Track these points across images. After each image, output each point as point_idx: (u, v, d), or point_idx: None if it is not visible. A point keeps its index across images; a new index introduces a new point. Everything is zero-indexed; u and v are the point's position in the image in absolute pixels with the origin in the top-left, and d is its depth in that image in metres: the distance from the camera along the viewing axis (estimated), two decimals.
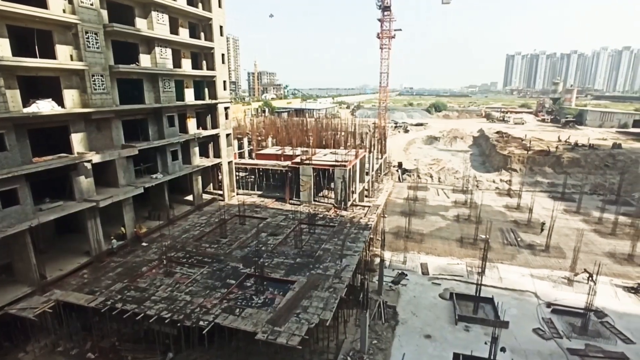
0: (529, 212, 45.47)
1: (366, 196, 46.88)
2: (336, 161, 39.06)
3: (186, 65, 35.53)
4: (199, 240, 30.16)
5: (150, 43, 30.84)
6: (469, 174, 63.64)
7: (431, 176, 65.91)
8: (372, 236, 34.44)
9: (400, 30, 73.40)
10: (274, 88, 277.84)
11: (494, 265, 33.47)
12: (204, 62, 38.29)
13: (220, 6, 38.36)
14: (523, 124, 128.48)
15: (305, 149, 44.78)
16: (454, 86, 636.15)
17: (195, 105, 37.02)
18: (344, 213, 36.76)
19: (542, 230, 40.63)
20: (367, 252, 32.22)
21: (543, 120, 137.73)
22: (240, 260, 26.58)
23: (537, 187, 59.67)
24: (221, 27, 38.77)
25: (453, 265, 34.09)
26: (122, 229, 28.91)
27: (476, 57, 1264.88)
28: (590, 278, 29.22)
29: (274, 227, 32.82)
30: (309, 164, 39.19)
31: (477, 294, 26.76)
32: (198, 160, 38.19)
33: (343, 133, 60.96)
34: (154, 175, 32.16)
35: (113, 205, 27.17)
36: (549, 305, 27.73)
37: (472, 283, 29.05)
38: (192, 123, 36.97)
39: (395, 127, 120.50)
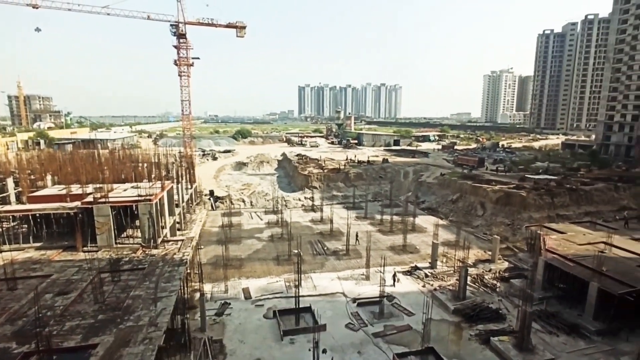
0: (330, 223, 52.03)
1: (178, 229, 43.92)
2: (139, 196, 35.22)
3: None
4: None
5: None
6: (278, 195, 68.19)
7: (243, 201, 67.40)
8: (189, 271, 32.41)
9: (199, 58, 73.69)
10: (50, 116, 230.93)
11: (308, 276, 36.56)
12: None
13: None
14: (317, 146, 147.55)
15: (99, 185, 38.64)
16: (256, 114, 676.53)
17: None
18: (154, 251, 33.31)
19: (357, 239, 46.16)
20: (185, 289, 30.00)
21: (332, 143, 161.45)
22: (12, 337, 20.39)
23: (334, 200, 68.92)
24: None
25: (273, 283, 35.46)
26: None
27: (275, 87, 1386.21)
28: (394, 277, 35.18)
29: (62, 284, 26.73)
30: (105, 202, 33.96)
31: (297, 306, 28.56)
32: None
33: (146, 164, 55.76)
34: None
35: None
36: (354, 300, 32.13)
37: (292, 297, 30.81)
38: None
39: (203, 155, 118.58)
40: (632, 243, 34.90)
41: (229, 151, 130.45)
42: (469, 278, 33.78)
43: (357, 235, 46.73)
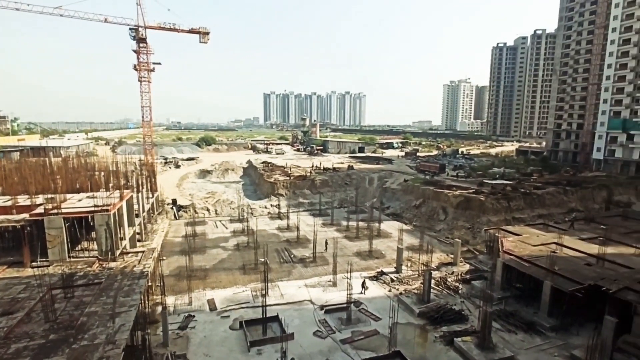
0: (296, 230, 51.80)
1: (139, 240, 42.15)
2: (96, 206, 33.48)
3: None
4: None
5: None
6: (243, 203, 67.10)
7: (208, 209, 65.75)
8: (150, 283, 31.06)
9: (160, 64, 71.67)
10: None
11: (275, 284, 36.09)
12: None
13: None
14: (283, 153, 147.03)
15: (50, 195, 36.37)
16: (221, 121, 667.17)
17: None
18: (112, 264, 31.66)
19: (326, 247, 46.29)
20: (147, 302, 28.77)
21: (298, 150, 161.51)
22: None
23: (300, 207, 68.74)
24: None
25: (239, 293, 34.69)
26: None
27: (240, 94, 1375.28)
28: (363, 285, 35.24)
29: (7, 304, 24.78)
30: (57, 214, 31.98)
31: (264, 316, 28.08)
32: None
33: (103, 173, 53.20)
34: None
35: None
36: (322, 307, 32.01)
37: (259, 306, 30.22)
38: None
39: (166, 163, 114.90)
40: (580, 243, 37.26)
41: (192, 159, 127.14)
42: (432, 281, 34.66)
43: (326, 243, 46.81)
